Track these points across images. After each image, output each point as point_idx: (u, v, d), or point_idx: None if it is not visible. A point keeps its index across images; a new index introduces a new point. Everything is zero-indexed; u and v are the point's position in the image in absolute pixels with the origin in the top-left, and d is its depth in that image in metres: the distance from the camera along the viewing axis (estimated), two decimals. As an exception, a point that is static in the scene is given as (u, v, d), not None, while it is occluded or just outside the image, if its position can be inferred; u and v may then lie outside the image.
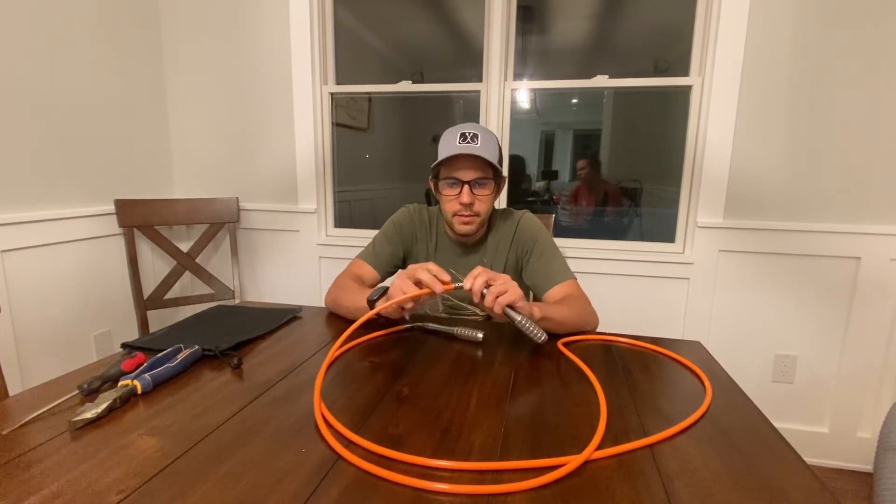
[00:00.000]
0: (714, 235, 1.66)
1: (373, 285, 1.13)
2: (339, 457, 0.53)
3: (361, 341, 0.89)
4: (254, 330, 0.93)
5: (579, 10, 1.81)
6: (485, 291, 0.80)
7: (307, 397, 0.67)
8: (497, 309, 0.79)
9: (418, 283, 0.83)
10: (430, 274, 0.82)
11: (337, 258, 1.99)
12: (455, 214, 1.05)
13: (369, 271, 1.13)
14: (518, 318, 0.80)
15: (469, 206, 1.02)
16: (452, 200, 1.04)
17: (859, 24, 1.47)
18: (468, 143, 1.00)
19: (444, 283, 0.82)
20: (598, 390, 0.70)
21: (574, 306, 0.97)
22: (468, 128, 1.03)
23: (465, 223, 1.05)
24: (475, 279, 0.80)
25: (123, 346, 0.84)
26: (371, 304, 0.92)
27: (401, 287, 0.83)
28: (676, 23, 1.71)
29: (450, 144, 1.02)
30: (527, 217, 1.14)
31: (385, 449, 0.54)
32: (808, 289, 1.63)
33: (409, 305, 0.85)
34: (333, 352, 0.79)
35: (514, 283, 0.81)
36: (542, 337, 0.80)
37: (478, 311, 1.15)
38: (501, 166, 1.06)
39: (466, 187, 1.01)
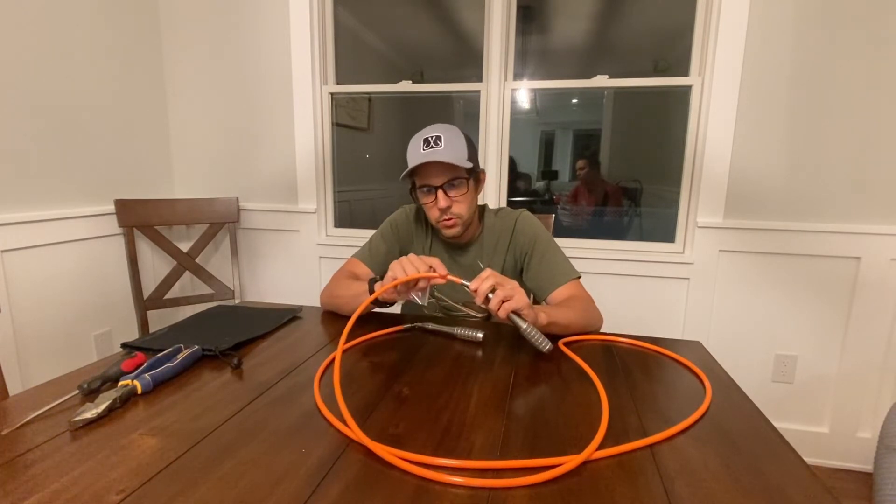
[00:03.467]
0: (714, 235, 1.66)
1: None
2: (350, 441, 0.53)
3: (361, 341, 0.89)
4: (254, 330, 0.93)
5: (579, 10, 1.81)
6: (490, 295, 0.79)
7: (307, 397, 0.67)
8: (502, 314, 0.79)
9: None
10: (429, 268, 0.82)
11: (337, 258, 1.98)
12: (437, 221, 1.05)
13: (364, 270, 1.13)
14: (523, 325, 0.80)
15: (447, 209, 1.01)
16: (432, 207, 1.03)
17: (859, 24, 1.47)
18: (432, 147, 0.98)
19: (447, 276, 0.82)
20: (600, 390, 0.70)
21: (579, 308, 0.96)
22: (430, 131, 1.01)
23: (449, 227, 1.04)
24: (482, 282, 0.79)
25: (123, 346, 0.84)
26: (372, 283, 0.92)
27: (402, 267, 0.82)
28: (676, 23, 1.71)
29: (415, 153, 1.00)
30: (524, 216, 1.12)
31: (385, 447, 0.54)
32: (809, 289, 1.63)
33: (415, 285, 0.84)
34: (347, 331, 0.79)
35: (522, 291, 0.81)
36: (546, 346, 0.80)
37: (472, 312, 1.14)
38: (475, 160, 1.04)
39: (440, 192, 1.00)
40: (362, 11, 1.99)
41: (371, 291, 0.92)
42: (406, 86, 1.93)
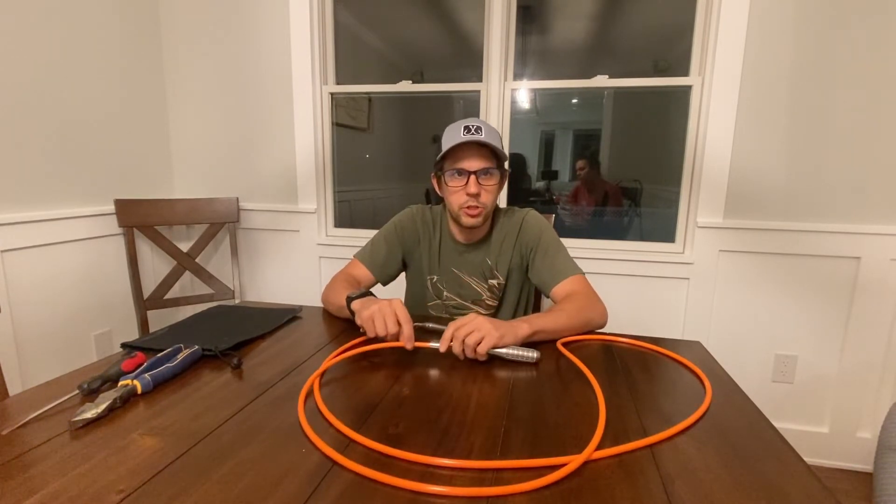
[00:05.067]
0: (714, 235, 1.66)
1: (368, 286, 1.13)
2: (335, 463, 0.53)
3: (361, 341, 0.89)
4: (254, 330, 0.93)
5: (579, 10, 1.81)
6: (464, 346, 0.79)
7: (308, 398, 0.67)
8: (480, 358, 0.79)
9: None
10: (396, 327, 0.80)
11: (337, 258, 1.99)
12: (461, 207, 1.04)
13: (364, 272, 1.14)
14: (502, 352, 0.80)
15: (476, 196, 1.02)
16: (459, 192, 1.03)
17: (859, 24, 1.47)
18: (472, 134, 1.01)
19: (414, 345, 0.80)
20: (597, 391, 0.70)
21: (572, 308, 0.95)
22: (472, 121, 1.04)
23: (472, 215, 1.04)
24: (450, 342, 0.78)
25: (123, 346, 0.84)
26: (349, 301, 0.92)
27: (374, 325, 0.81)
28: (676, 23, 1.70)
29: (454, 136, 1.02)
30: (531, 215, 1.13)
31: (385, 447, 0.54)
32: (808, 289, 1.63)
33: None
34: (321, 370, 0.79)
35: (488, 324, 0.79)
36: (534, 356, 0.79)
37: (480, 311, 1.15)
38: (505, 160, 1.07)
39: (473, 177, 1.01)
40: (362, 11, 1.99)
41: (349, 307, 0.92)
42: (406, 86, 1.93)
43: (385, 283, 1.19)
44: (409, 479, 0.49)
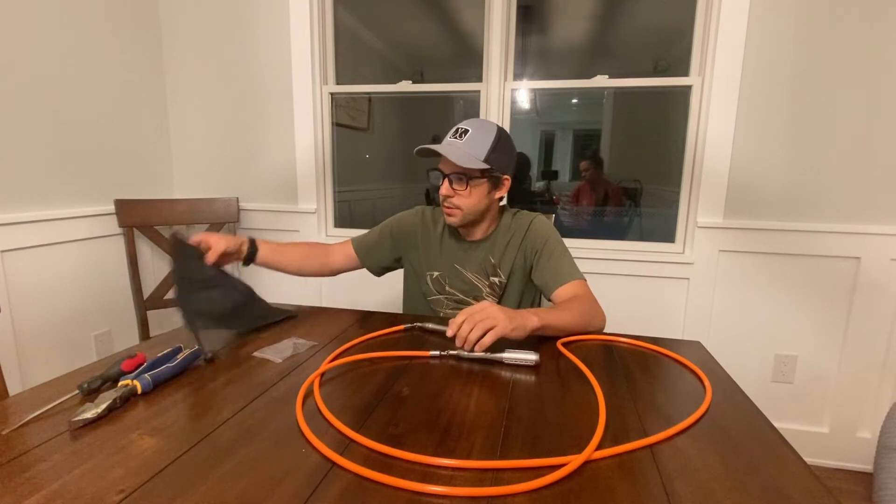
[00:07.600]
0: (714, 235, 1.66)
1: (341, 259, 1.21)
2: (334, 464, 0.53)
3: (361, 341, 0.89)
4: (251, 323, 0.95)
5: (579, 10, 1.81)
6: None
7: (308, 398, 0.67)
8: (478, 350, 0.79)
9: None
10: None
11: (337, 258, 1.98)
12: (442, 204, 1.08)
13: (346, 249, 1.20)
14: (501, 356, 0.80)
15: (448, 198, 1.05)
16: (440, 189, 1.07)
17: (859, 24, 1.47)
18: (455, 138, 1.03)
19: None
20: (597, 390, 0.70)
21: (578, 309, 0.97)
22: (465, 123, 1.05)
23: (448, 214, 1.08)
24: (460, 327, 0.79)
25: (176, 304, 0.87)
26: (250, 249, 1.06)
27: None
28: (676, 23, 1.70)
29: (445, 138, 1.05)
30: (539, 219, 1.15)
31: (386, 447, 0.54)
32: (808, 289, 1.63)
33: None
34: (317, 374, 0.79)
35: (499, 312, 0.80)
36: (532, 360, 0.79)
37: None
38: (497, 163, 1.04)
39: (446, 180, 1.04)
40: (362, 11, 1.99)
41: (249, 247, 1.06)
42: (406, 86, 1.93)
43: (377, 274, 1.24)
44: (409, 480, 0.49)
